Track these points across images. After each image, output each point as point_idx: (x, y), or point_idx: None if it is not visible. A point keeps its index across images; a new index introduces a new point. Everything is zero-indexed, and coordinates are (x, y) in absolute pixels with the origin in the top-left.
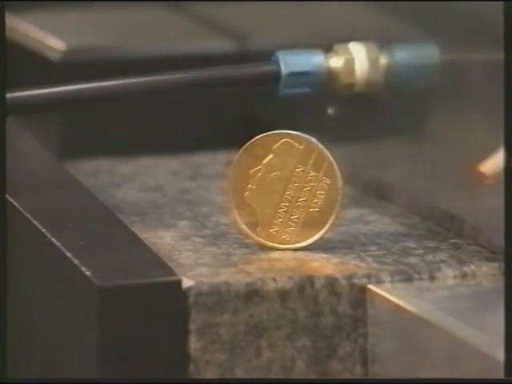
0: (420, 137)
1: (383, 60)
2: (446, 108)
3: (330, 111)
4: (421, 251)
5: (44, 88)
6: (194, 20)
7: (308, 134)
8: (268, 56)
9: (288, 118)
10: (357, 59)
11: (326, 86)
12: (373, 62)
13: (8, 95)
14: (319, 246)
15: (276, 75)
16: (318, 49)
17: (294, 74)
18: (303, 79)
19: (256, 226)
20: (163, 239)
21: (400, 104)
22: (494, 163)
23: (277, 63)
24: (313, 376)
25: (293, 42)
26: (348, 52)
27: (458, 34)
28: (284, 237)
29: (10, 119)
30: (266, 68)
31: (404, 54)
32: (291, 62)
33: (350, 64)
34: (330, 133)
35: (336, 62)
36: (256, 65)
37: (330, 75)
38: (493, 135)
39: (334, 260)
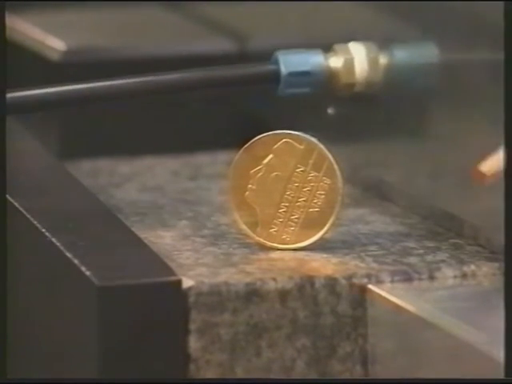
0: (420, 137)
1: (383, 60)
2: (446, 108)
3: (329, 111)
4: (421, 251)
5: (43, 88)
6: (194, 20)
7: (308, 134)
8: (268, 56)
9: (288, 118)
10: (356, 59)
11: (325, 85)
12: (372, 62)
13: (8, 95)
14: (319, 246)
15: (276, 75)
16: (318, 48)
17: (293, 74)
18: (303, 79)
19: (256, 226)
20: (163, 239)
21: (400, 104)
22: (493, 163)
23: (276, 63)
24: (313, 376)
25: (293, 42)
26: (347, 52)
27: (458, 34)
28: (284, 237)
29: (9, 119)
30: (265, 68)
31: (403, 54)
32: (291, 61)
33: (349, 64)
34: (330, 133)
35: (335, 61)
36: (256, 65)
37: (330, 75)
38: (492, 134)
39: (334, 260)
